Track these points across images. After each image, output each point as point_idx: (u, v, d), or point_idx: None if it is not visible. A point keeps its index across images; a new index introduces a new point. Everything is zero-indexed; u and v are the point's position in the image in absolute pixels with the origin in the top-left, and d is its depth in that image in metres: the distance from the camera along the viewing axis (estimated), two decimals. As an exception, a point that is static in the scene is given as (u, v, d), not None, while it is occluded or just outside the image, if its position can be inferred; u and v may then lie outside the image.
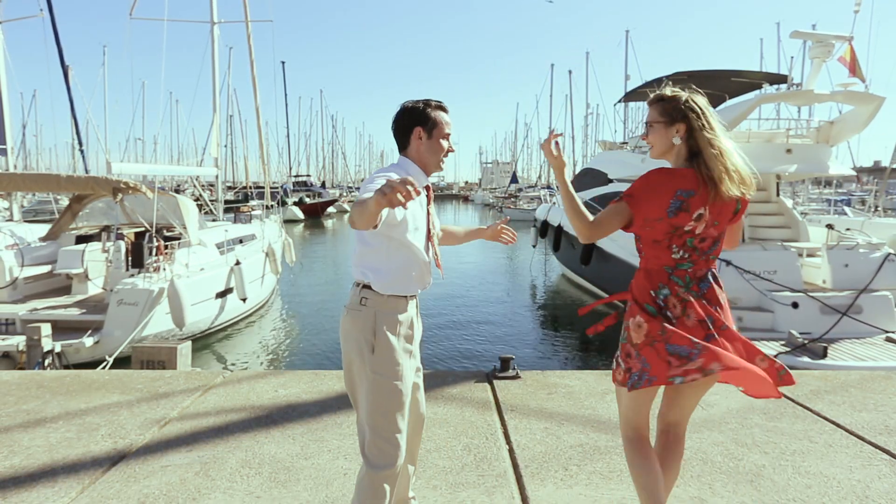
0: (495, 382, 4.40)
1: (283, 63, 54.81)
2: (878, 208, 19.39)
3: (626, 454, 2.23)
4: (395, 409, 2.15)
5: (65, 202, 15.86)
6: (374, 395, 2.13)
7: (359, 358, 2.16)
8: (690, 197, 2.08)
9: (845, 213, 19.87)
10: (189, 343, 7.04)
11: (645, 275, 2.21)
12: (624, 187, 13.26)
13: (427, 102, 2.29)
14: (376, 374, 2.13)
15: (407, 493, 2.47)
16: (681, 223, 2.11)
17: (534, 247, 21.53)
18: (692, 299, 2.14)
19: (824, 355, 7.56)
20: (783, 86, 12.82)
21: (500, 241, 2.69)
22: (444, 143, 2.29)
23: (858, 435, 3.51)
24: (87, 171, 16.79)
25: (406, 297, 2.24)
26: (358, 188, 2.56)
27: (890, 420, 3.75)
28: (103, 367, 7.16)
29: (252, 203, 28.69)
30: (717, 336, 2.10)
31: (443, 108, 2.30)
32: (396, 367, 2.16)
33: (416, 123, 2.25)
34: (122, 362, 8.00)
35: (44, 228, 11.97)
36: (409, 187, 1.65)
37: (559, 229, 17.21)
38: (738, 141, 11.71)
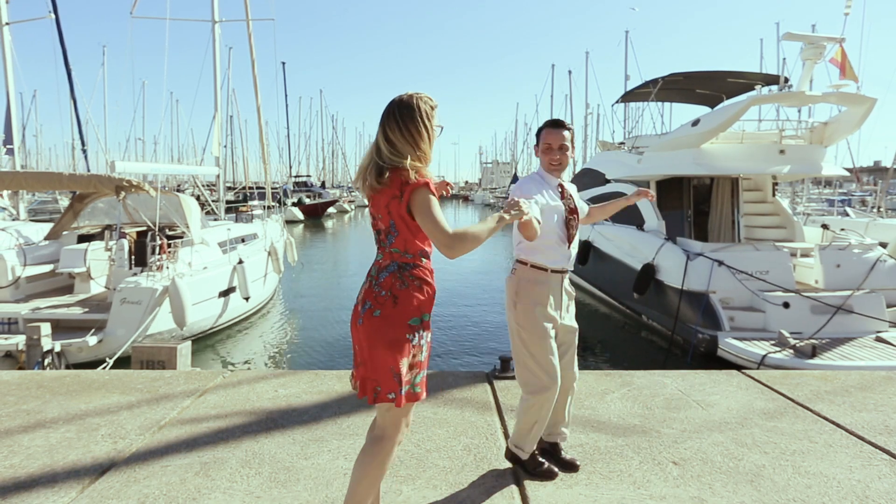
0: (495, 382, 4.41)
1: (283, 63, 54.82)
2: (881, 209, 19.34)
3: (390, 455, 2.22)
4: None
5: (66, 202, 15.89)
6: None
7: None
8: None
9: (847, 214, 19.84)
10: (189, 343, 7.04)
11: None
12: (621, 187, 13.31)
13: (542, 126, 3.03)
14: None
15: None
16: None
17: None
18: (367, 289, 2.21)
19: (813, 355, 7.53)
20: (776, 87, 12.82)
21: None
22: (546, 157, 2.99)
23: (858, 435, 3.51)
24: (88, 171, 16.80)
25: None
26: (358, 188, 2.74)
27: (890, 420, 3.75)
28: (103, 368, 7.17)
29: (252, 203, 28.65)
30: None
31: (553, 124, 2.98)
32: None
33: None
34: (121, 362, 7.99)
35: (49, 228, 11.99)
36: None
37: None
38: (731, 142, 11.68)
